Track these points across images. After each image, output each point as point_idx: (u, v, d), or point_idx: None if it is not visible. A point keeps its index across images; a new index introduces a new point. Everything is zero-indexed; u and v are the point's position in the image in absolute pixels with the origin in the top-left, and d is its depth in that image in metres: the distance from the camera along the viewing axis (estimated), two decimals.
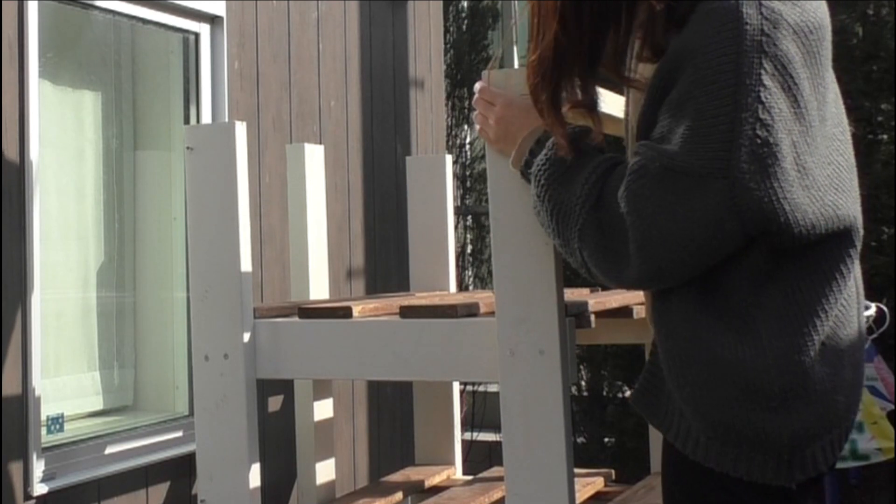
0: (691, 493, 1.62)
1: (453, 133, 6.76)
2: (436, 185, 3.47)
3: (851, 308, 1.60)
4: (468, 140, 6.96)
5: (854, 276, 1.61)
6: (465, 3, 7.09)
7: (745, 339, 1.52)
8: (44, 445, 2.73)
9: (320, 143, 3.71)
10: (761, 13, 1.48)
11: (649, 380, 1.66)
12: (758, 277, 1.54)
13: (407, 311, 2.45)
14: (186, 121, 3.32)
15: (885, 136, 5.17)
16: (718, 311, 1.54)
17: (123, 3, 3.07)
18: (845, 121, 1.64)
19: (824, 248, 1.56)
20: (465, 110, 6.78)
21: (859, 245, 1.61)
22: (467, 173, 6.89)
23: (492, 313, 2.31)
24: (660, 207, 1.51)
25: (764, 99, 1.46)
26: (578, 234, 1.62)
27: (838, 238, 1.57)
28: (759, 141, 1.45)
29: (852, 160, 1.63)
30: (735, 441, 1.53)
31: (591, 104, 1.67)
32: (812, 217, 1.51)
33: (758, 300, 1.53)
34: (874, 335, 3.91)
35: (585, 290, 3.22)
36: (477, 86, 1.94)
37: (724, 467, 1.55)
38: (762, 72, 1.46)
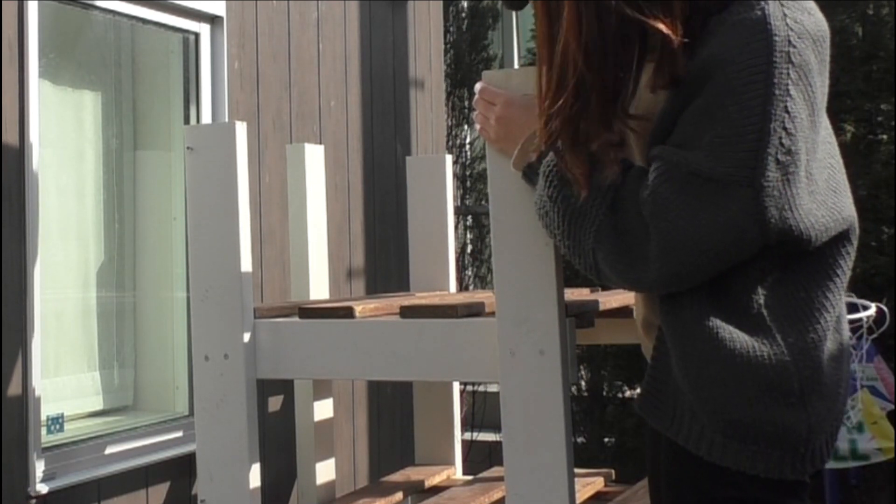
0: (699, 490, 1.62)
1: (453, 133, 6.76)
2: (436, 185, 3.46)
3: (844, 304, 1.66)
4: (468, 140, 6.96)
5: (850, 264, 1.67)
6: (465, 3, 7.09)
7: (760, 339, 1.55)
8: (44, 445, 2.73)
9: (320, 143, 3.71)
10: (787, 24, 1.51)
11: (652, 384, 1.66)
12: (765, 279, 1.57)
13: (407, 311, 2.45)
14: (186, 121, 3.32)
15: (885, 136, 5.17)
16: (730, 313, 1.57)
17: (123, 3, 3.07)
18: (828, 122, 1.67)
19: (826, 248, 1.60)
20: (465, 110, 6.78)
21: (856, 242, 1.65)
22: (467, 173, 6.89)
23: (492, 313, 2.31)
24: (684, 212, 1.53)
25: (790, 109, 1.49)
26: (594, 235, 1.62)
27: (838, 237, 1.61)
28: (783, 150, 1.49)
29: (840, 160, 1.67)
30: (753, 438, 1.55)
31: (620, 141, 1.64)
32: (823, 221, 1.56)
33: (766, 301, 1.57)
34: (874, 335, 3.92)
35: (585, 290, 3.22)
36: (477, 86, 1.94)
37: (741, 465, 1.56)
38: (789, 82, 1.49)
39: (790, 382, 1.54)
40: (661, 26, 1.54)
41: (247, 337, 2.49)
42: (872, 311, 3.75)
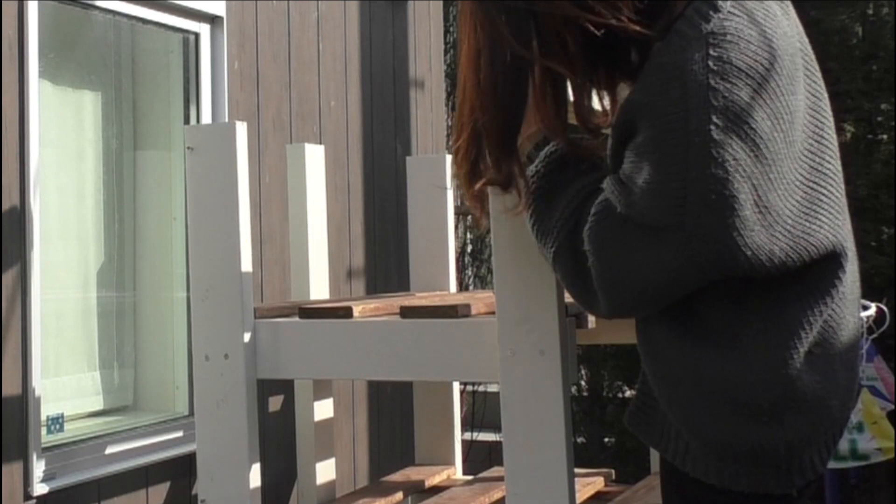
0: (688, 497, 1.62)
1: (453, 133, 6.75)
2: (436, 184, 3.46)
3: (843, 311, 1.58)
4: None
5: (847, 282, 1.58)
6: None
7: (730, 356, 1.51)
8: (44, 445, 2.73)
9: (320, 143, 3.71)
10: (707, 65, 1.43)
11: (643, 400, 1.65)
12: (739, 295, 1.53)
13: (407, 311, 2.45)
14: (186, 121, 3.32)
15: (885, 136, 5.17)
16: (702, 330, 1.54)
17: (123, 3, 3.07)
18: (825, 124, 1.59)
19: (810, 267, 1.53)
20: None
21: (847, 263, 1.57)
22: None
23: (492, 313, 2.31)
24: (620, 252, 1.52)
25: (716, 154, 1.42)
26: (553, 256, 1.64)
27: (822, 263, 1.54)
28: (713, 197, 1.42)
29: (832, 168, 1.58)
30: (732, 457, 1.54)
31: (505, 182, 1.64)
32: (780, 254, 1.48)
33: (740, 316, 1.53)
34: (874, 335, 3.91)
35: None
36: None
37: (725, 483, 1.55)
38: (711, 127, 1.42)
39: (760, 401, 1.50)
40: (560, 67, 1.52)
41: (247, 337, 2.49)
42: (872, 311, 3.74)
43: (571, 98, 1.63)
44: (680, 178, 1.43)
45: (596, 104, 1.72)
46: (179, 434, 3.17)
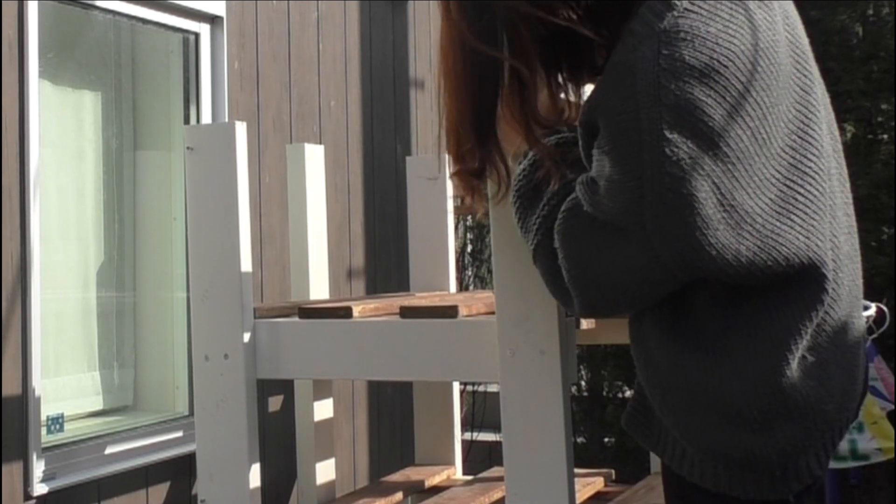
0: (686, 500, 1.62)
1: None
2: (436, 185, 3.46)
3: (838, 312, 1.56)
4: None
5: (843, 282, 1.57)
6: None
7: (721, 362, 1.50)
8: (44, 445, 2.73)
9: (320, 143, 3.71)
10: (658, 63, 1.41)
11: (640, 402, 1.64)
12: (730, 299, 1.51)
13: (407, 311, 2.45)
14: (186, 121, 3.32)
15: (885, 136, 5.17)
16: (693, 336, 1.52)
17: (123, 3, 3.07)
18: (812, 120, 1.54)
19: (796, 275, 1.50)
20: None
21: (831, 274, 1.53)
22: None
23: (492, 313, 2.31)
24: (587, 250, 1.53)
25: (669, 153, 1.40)
26: (533, 253, 1.65)
27: (809, 267, 1.50)
28: (670, 195, 1.41)
29: (814, 166, 1.52)
30: (725, 463, 1.53)
31: (477, 173, 1.64)
32: (747, 253, 1.45)
33: (732, 322, 1.51)
34: (874, 335, 3.91)
35: None
36: None
37: (721, 487, 1.54)
38: (663, 126, 1.40)
39: (749, 410, 1.49)
40: (515, 62, 1.52)
41: (247, 337, 2.49)
42: (872, 311, 3.73)
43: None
44: (636, 177, 1.43)
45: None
46: (179, 434, 3.17)
